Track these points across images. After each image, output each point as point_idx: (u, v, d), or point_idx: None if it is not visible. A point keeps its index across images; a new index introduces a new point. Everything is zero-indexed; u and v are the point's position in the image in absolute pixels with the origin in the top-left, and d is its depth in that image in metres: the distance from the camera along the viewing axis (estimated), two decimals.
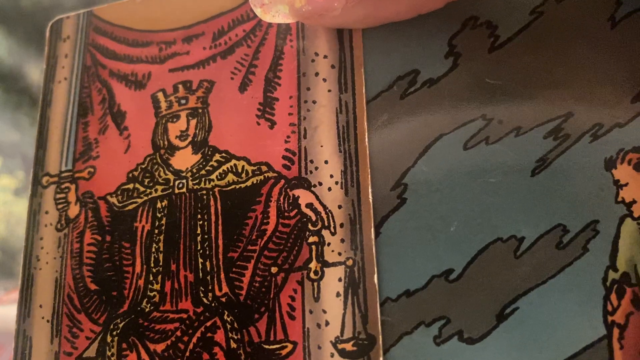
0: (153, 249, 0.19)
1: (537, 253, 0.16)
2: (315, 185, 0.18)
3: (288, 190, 0.18)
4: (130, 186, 0.20)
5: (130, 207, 0.20)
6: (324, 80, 0.19)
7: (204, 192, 0.19)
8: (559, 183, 0.17)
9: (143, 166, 0.20)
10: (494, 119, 0.18)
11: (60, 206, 0.21)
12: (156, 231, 0.19)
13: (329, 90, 0.19)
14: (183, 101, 0.20)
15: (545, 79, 0.18)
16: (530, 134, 0.17)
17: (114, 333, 0.19)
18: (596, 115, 0.17)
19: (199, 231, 0.19)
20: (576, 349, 0.16)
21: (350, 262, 0.17)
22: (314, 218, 0.18)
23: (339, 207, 0.18)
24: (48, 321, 0.20)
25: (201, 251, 0.19)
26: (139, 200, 0.20)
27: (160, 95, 0.21)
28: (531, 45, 0.18)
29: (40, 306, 0.20)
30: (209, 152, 0.20)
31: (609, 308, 0.16)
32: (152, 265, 0.19)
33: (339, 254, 0.17)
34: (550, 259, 0.16)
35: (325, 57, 0.19)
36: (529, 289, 0.16)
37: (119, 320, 0.19)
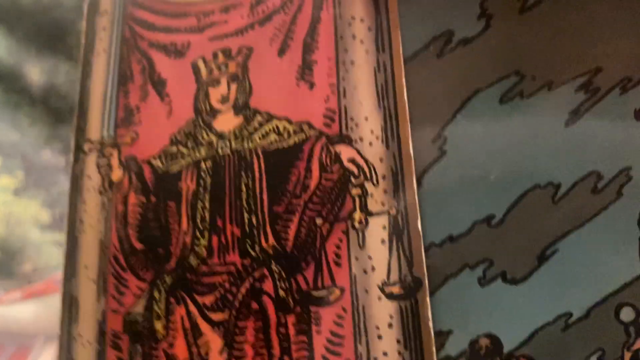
0: (199, 207, 0.20)
1: (573, 198, 0.17)
2: (356, 141, 0.19)
3: (329, 146, 0.19)
4: (174, 149, 0.21)
5: (174, 169, 0.20)
6: (361, 42, 0.20)
7: (247, 152, 0.20)
8: (592, 133, 0.18)
9: (186, 130, 0.21)
10: (527, 75, 0.18)
11: (103, 171, 0.21)
12: (201, 190, 0.20)
13: (367, 51, 0.20)
14: (223, 67, 0.21)
15: (574, 37, 0.18)
16: (562, 89, 0.18)
17: (162, 288, 0.19)
18: (624, 69, 0.18)
19: (243, 188, 0.19)
20: (615, 286, 0.16)
21: (393, 211, 0.18)
22: (356, 172, 0.18)
23: (381, 160, 0.18)
24: (94, 281, 0.20)
25: (247, 207, 0.19)
26: (183, 162, 0.20)
27: (200, 62, 0.21)
28: (560, 5, 0.19)
29: (86, 267, 0.20)
30: (251, 114, 0.20)
31: None
32: (199, 221, 0.19)
33: (382, 204, 0.18)
34: (587, 203, 0.17)
35: (362, 20, 0.20)
36: (567, 232, 0.17)
37: (166, 276, 0.19)
